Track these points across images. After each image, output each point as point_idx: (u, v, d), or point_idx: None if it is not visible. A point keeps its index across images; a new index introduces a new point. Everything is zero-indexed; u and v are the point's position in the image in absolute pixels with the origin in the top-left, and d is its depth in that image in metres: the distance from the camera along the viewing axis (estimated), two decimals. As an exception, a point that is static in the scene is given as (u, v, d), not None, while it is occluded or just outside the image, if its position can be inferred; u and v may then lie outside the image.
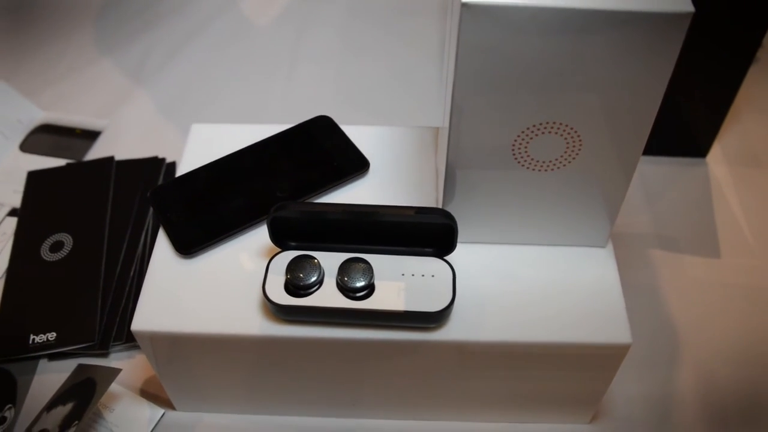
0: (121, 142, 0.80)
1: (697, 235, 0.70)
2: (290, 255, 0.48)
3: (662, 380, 0.59)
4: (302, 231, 0.49)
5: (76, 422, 0.53)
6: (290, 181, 0.55)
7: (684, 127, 0.74)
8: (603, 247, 0.52)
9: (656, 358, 0.61)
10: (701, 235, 0.70)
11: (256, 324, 0.48)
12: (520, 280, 0.50)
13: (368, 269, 0.47)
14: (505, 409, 0.55)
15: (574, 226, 0.50)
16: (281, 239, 0.49)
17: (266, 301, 0.47)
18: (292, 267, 0.47)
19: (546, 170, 0.46)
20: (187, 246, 0.52)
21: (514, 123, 0.43)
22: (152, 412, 0.58)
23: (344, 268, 0.47)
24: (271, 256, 0.49)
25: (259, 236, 0.53)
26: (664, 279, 0.66)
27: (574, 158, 0.45)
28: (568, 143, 0.44)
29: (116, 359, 0.62)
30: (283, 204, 0.47)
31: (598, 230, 0.51)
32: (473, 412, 0.56)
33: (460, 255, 0.51)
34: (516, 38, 0.38)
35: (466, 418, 0.56)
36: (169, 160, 0.75)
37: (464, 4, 0.37)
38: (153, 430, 0.57)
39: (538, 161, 0.45)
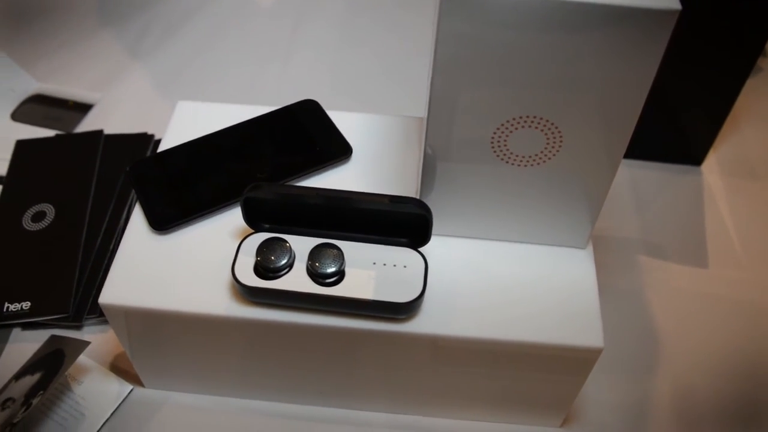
0: (112, 117, 0.79)
1: (686, 244, 0.69)
2: (262, 237, 0.48)
3: (637, 388, 0.58)
4: (276, 213, 0.48)
5: (41, 392, 0.52)
6: (270, 163, 0.55)
7: (680, 134, 0.72)
8: (582, 248, 0.51)
9: (633, 366, 0.60)
10: (690, 244, 0.69)
11: (223, 304, 0.48)
12: (494, 277, 0.49)
13: (339, 255, 0.46)
14: (474, 407, 0.54)
15: (553, 224, 0.49)
16: (255, 220, 0.49)
17: (234, 282, 0.46)
18: (263, 249, 0.47)
19: (525, 165, 0.45)
20: (162, 222, 0.51)
21: (493, 115, 0.42)
22: (120, 388, 0.58)
23: (315, 253, 0.46)
24: (243, 237, 0.48)
25: (236, 217, 0.52)
26: (648, 286, 0.65)
27: (554, 155, 0.44)
28: (548, 139, 0.43)
29: (89, 332, 0.62)
30: (258, 185, 0.47)
31: (577, 230, 0.50)
32: (441, 408, 0.55)
33: (435, 247, 0.50)
34: (497, 29, 0.38)
35: (434, 414, 0.56)
36: (158, 137, 0.74)
37: (445, -11, 0.36)
38: (120, 405, 0.57)
39: (517, 156, 0.45)
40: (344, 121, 0.58)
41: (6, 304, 0.61)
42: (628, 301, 0.64)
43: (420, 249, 0.47)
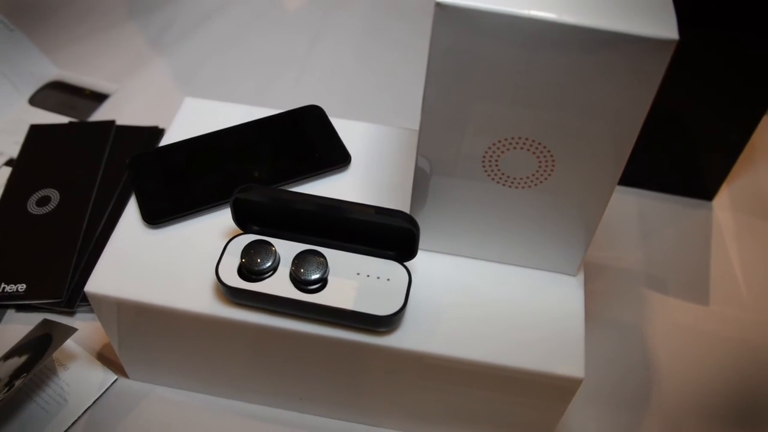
0: (126, 108, 0.80)
1: (689, 280, 0.67)
2: (249, 238, 0.48)
3: (623, 423, 0.57)
4: (265, 216, 0.48)
5: (25, 374, 0.53)
6: (268, 166, 0.55)
7: (693, 167, 0.71)
8: (573, 275, 0.50)
9: (621, 399, 0.58)
10: (693, 280, 0.67)
11: (205, 303, 0.48)
12: (479, 297, 0.49)
13: (323, 263, 0.46)
14: (449, 426, 0.53)
15: (543, 249, 0.48)
16: (244, 221, 0.49)
17: (218, 281, 0.46)
18: (248, 251, 0.47)
19: (516, 187, 0.45)
20: (155, 216, 0.52)
21: (483, 134, 0.42)
22: (105, 377, 0.58)
23: (299, 259, 0.46)
24: (231, 237, 0.48)
25: (228, 217, 0.52)
26: (645, 319, 0.64)
27: (546, 179, 0.44)
28: (540, 162, 0.43)
29: (81, 319, 0.62)
30: (248, 186, 0.47)
31: (568, 257, 0.49)
32: (416, 424, 0.54)
33: (422, 263, 0.49)
34: (490, 45, 0.37)
35: (409, 429, 0.55)
36: (168, 131, 0.75)
37: (438, 4, 0.36)
38: (103, 394, 0.57)
39: (508, 177, 0.44)
40: (347, 130, 0.58)
41: (2, 285, 0.62)
42: (624, 333, 0.63)
43: (406, 263, 0.47)
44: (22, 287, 0.62)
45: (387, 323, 0.45)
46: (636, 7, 0.36)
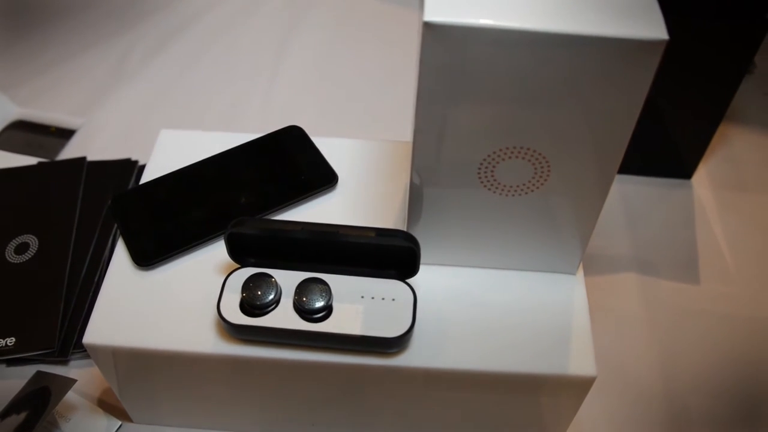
0: (95, 142, 0.78)
1: (677, 260, 0.68)
2: (248, 272, 0.47)
3: (631, 410, 0.58)
4: (261, 248, 0.47)
5: (27, 433, 0.51)
6: (255, 194, 0.54)
7: (670, 147, 0.72)
8: (573, 274, 0.50)
9: (626, 387, 0.59)
10: (681, 260, 0.68)
11: (210, 342, 0.47)
12: (484, 306, 0.49)
13: (326, 290, 0.45)
14: (467, 437, 0.54)
15: (542, 251, 0.49)
16: (240, 255, 0.48)
17: (220, 320, 0.45)
18: (248, 285, 0.46)
19: (513, 195, 0.44)
20: (146, 258, 0.50)
21: (478, 146, 0.41)
22: (109, 424, 0.57)
23: (302, 289, 0.46)
24: (228, 272, 0.47)
25: (222, 250, 0.51)
26: (639, 305, 0.65)
27: (542, 184, 0.44)
28: (536, 169, 0.43)
29: (76, 367, 0.60)
30: (241, 220, 0.46)
31: (567, 257, 0.49)
32: (434, 439, 0.54)
33: (423, 277, 0.49)
34: (481, 60, 0.37)
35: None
36: (142, 162, 0.73)
37: (426, 24, 0.36)
38: (109, 442, 0.56)
39: (505, 186, 0.44)
40: (330, 148, 0.57)
41: (-10, 340, 0.60)
42: (620, 320, 0.64)
43: (408, 280, 0.47)
44: (11, 341, 0.60)
45: (397, 344, 0.45)
46: (623, 9, 0.36)
